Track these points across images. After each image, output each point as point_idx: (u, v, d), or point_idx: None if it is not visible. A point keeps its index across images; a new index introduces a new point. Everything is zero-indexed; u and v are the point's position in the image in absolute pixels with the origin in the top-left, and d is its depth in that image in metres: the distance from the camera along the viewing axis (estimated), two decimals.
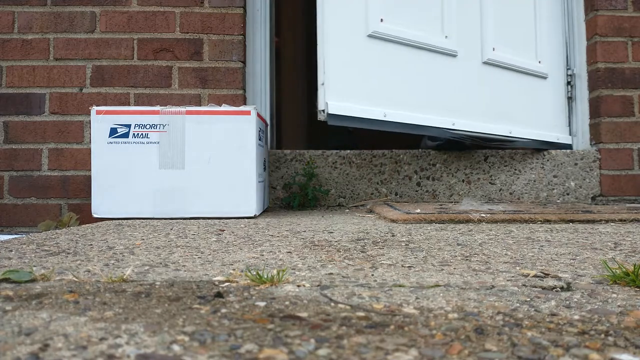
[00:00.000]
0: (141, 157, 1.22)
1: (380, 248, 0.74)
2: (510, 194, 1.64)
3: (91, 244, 0.79)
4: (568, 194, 1.65)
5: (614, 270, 0.51)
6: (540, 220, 1.08)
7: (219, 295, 0.46)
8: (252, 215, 1.23)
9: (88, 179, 1.65)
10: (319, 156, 1.66)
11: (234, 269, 0.58)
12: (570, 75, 1.80)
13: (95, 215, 1.23)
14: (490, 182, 1.64)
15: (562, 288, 0.49)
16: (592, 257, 0.65)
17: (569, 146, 1.75)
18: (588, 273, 0.55)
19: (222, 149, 1.23)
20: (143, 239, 0.84)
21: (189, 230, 0.97)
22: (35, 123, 1.66)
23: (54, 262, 0.63)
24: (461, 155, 1.66)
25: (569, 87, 1.79)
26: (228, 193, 1.23)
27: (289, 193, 1.63)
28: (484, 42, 1.67)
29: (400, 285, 0.50)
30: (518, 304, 0.43)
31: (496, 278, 0.53)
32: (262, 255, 0.68)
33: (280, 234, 0.91)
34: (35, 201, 1.64)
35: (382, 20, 1.48)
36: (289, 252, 0.70)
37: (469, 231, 0.93)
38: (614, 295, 0.46)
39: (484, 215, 1.12)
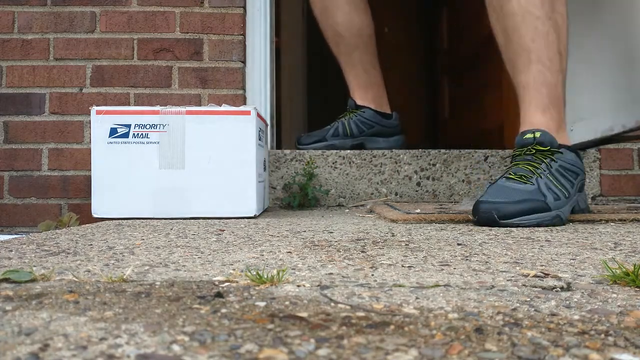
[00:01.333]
0: (141, 157, 1.22)
1: (380, 248, 0.74)
2: None
3: (91, 244, 0.79)
4: None
5: (614, 270, 0.51)
6: None
7: (219, 295, 0.46)
8: (252, 215, 1.23)
9: (88, 179, 1.65)
10: (319, 156, 1.66)
11: (234, 269, 0.58)
12: None
13: (95, 215, 1.23)
14: (490, 182, 1.64)
15: (562, 288, 0.49)
16: (592, 257, 0.65)
17: None
18: (588, 273, 0.55)
19: (222, 149, 1.23)
20: (143, 239, 0.84)
21: (189, 230, 0.97)
22: (35, 123, 1.66)
23: (54, 262, 0.63)
24: (461, 155, 1.66)
25: None
26: (228, 193, 1.23)
27: (289, 193, 1.63)
28: None
29: (400, 285, 0.50)
30: (518, 304, 0.43)
31: (496, 278, 0.53)
32: (262, 255, 0.68)
33: (280, 234, 0.91)
34: (35, 201, 1.64)
35: None
36: (289, 252, 0.70)
37: (469, 231, 0.93)
38: (614, 295, 0.46)
39: None
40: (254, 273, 0.52)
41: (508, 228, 0.98)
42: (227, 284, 0.51)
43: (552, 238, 0.83)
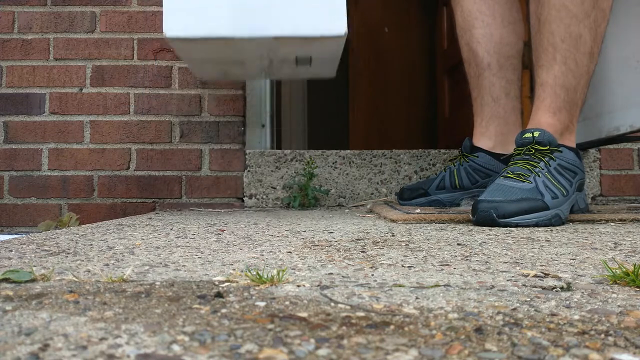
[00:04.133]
0: None
1: (380, 248, 0.74)
2: None
3: (91, 244, 0.79)
4: None
5: (614, 270, 0.51)
6: None
7: (219, 295, 0.46)
8: (342, 33, 1.09)
9: (88, 179, 1.65)
10: (319, 156, 1.66)
11: (234, 269, 0.58)
12: None
13: (167, 35, 1.09)
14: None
15: (562, 288, 0.49)
16: (592, 257, 0.65)
17: None
18: (588, 273, 0.55)
19: None
20: (143, 239, 0.84)
21: (189, 230, 0.97)
22: (35, 123, 1.66)
23: (54, 262, 0.63)
24: None
25: None
26: (315, 6, 1.08)
27: (289, 193, 1.64)
28: None
29: (400, 285, 0.50)
30: (518, 304, 0.43)
31: (496, 278, 0.53)
32: (262, 255, 0.69)
33: (280, 234, 0.91)
34: (35, 201, 1.64)
35: None
36: (289, 252, 0.70)
37: (469, 231, 0.93)
38: (614, 295, 0.46)
39: None
40: (254, 273, 0.52)
41: (508, 228, 0.98)
42: (227, 284, 0.51)
43: (552, 238, 0.83)
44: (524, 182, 1.04)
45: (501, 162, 1.39)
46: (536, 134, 1.09)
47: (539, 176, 1.05)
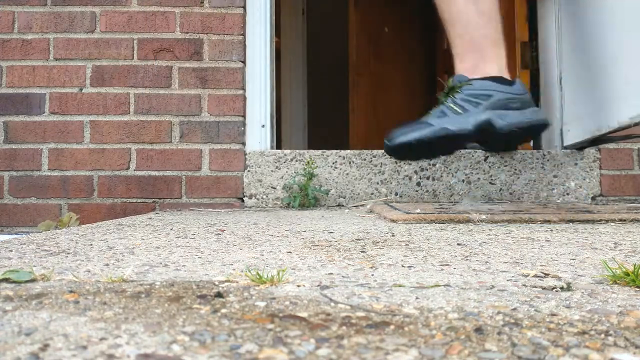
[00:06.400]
0: None
1: (380, 248, 0.74)
2: (510, 193, 1.64)
3: (91, 244, 0.79)
4: (568, 194, 1.65)
5: (614, 270, 0.51)
6: (540, 220, 1.08)
7: (219, 295, 0.46)
8: None
9: (88, 179, 1.65)
10: (319, 156, 1.66)
11: (234, 269, 0.58)
12: None
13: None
14: (490, 182, 1.64)
15: (562, 288, 0.49)
16: (592, 257, 0.65)
17: None
18: (588, 273, 0.55)
19: None
20: (143, 239, 0.84)
21: (189, 230, 0.97)
22: (35, 123, 1.66)
23: (54, 262, 0.63)
24: (461, 156, 1.66)
25: None
26: None
27: (289, 193, 1.64)
28: None
29: (400, 285, 0.50)
30: (518, 304, 0.43)
31: (496, 278, 0.53)
32: (262, 255, 0.69)
33: (280, 234, 0.91)
34: (35, 201, 1.64)
35: None
36: (289, 252, 0.70)
37: (469, 231, 0.93)
38: (614, 295, 0.46)
39: (484, 215, 1.12)
40: (254, 273, 0.52)
41: (508, 228, 0.98)
42: (227, 284, 0.51)
43: (552, 238, 0.83)
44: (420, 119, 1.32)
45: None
46: (449, 82, 1.34)
47: (440, 108, 1.31)
